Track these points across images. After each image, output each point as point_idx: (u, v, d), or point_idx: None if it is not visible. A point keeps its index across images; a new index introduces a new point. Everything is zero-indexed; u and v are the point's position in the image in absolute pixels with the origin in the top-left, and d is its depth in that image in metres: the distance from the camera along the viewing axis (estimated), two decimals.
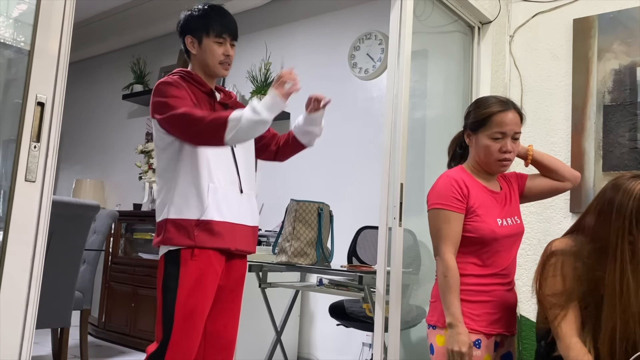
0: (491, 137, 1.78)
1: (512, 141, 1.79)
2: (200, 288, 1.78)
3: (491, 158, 1.79)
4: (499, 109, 1.78)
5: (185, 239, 1.77)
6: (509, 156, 1.79)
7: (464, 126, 1.89)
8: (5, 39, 1.46)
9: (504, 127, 1.76)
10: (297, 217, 2.70)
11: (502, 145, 1.77)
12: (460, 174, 1.82)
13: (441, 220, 1.75)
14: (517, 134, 1.80)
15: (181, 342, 1.75)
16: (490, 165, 1.81)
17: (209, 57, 1.90)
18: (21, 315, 1.37)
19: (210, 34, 1.88)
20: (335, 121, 3.75)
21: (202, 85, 1.91)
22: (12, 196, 1.35)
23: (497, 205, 1.82)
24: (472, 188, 1.79)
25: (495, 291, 1.76)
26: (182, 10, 2.01)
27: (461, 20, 2.91)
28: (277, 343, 3.07)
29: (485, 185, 1.84)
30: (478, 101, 1.89)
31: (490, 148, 1.78)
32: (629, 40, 2.70)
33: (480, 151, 1.81)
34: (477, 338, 1.72)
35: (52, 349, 3.11)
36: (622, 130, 2.67)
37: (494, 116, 1.77)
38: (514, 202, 1.89)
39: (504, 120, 1.76)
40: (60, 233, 2.71)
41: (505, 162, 1.80)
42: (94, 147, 5.57)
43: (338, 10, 3.88)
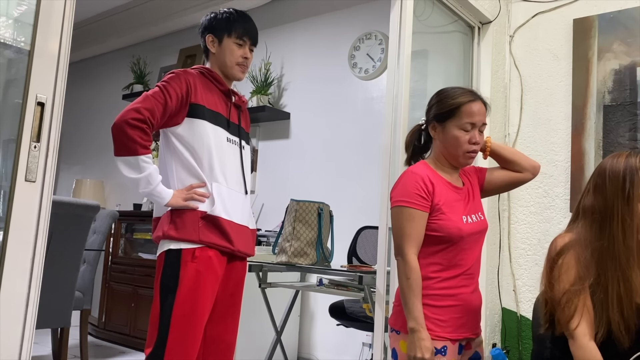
0: (461, 128, 1.71)
1: (479, 133, 1.74)
2: (201, 290, 1.76)
3: (460, 150, 1.72)
4: (468, 99, 1.72)
5: (189, 232, 1.75)
6: (477, 147, 1.74)
7: (427, 118, 1.82)
8: (5, 39, 1.46)
9: (474, 118, 1.71)
10: (297, 217, 2.70)
11: (471, 137, 1.71)
12: (425, 170, 1.74)
13: (404, 219, 1.67)
14: (483, 125, 1.75)
15: (179, 346, 1.72)
16: (458, 158, 1.75)
17: (228, 57, 1.92)
18: (21, 315, 1.37)
19: (232, 34, 1.92)
20: (335, 121, 3.76)
21: (220, 84, 1.92)
22: (12, 196, 1.35)
23: (461, 201, 1.76)
24: (437, 185, 1.72)
25: (460, 294, 1.70)
26: (181, 10, 2.02)
27: (461, 20, 2.91)
28: (277, 343, 3.07)
29: (449, 181, 1.77)
30: (443, 92, 1.81)
31: (460, 139, 1.71)
32: (629, 40, 2.70)
33: (448, 143, 1.74)
34: (444, 345, 1.64)
35: (52, 349, 3.11)
36: (622, 130, 2.67)
37: (464, 106, 1.71)
38: (476, 198, 1.84)
39: (474, 110, 1.71)
40: (60, 233, 2.71)
41: (472, 154, 1.74)
42: (94, 147, 5.57)
43: (338, 10, 3.88)
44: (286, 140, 4.01)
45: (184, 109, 1.81)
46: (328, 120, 3.80)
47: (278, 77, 4.12)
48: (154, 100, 1.75)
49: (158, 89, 1.79)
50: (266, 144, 4.11)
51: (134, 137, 1.70)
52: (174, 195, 1.77)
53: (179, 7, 4.54)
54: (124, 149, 1.71)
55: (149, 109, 1.73)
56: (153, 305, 1.78)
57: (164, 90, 1.78)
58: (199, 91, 1.84)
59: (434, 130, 1.78)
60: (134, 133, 1.70)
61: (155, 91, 1.78)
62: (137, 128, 1.71)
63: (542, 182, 2.90)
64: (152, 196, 1.76)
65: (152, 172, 1.73)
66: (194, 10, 4.43)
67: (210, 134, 1.83)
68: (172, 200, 1.76)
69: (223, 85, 1.93)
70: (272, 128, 4.10)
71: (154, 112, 1.74)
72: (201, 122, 1.83)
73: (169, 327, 1.72)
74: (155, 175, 1.74)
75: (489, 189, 1.90)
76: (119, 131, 1.71)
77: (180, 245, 1.76)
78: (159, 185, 1.75)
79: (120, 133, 1.71)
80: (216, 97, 1.90)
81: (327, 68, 3.86)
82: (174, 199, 1.76)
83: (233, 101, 1.96)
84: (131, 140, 1.70)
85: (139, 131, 1.71)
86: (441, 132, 1.75)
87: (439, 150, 1.79)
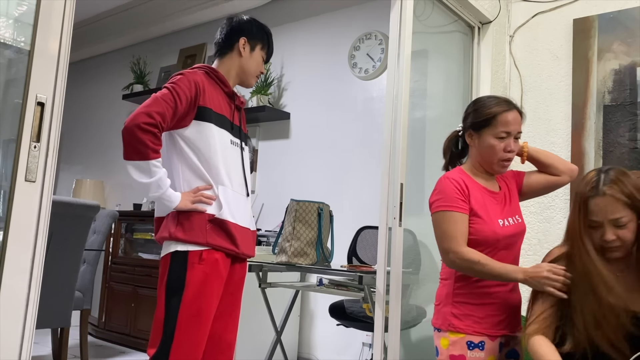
0: (496, 137, 1.78)
1: (514, 141, 1.80)
2: (208, 292, 1.76)
3: (495, 157, 1.79)
4: (504, 109, 1.78)
5: (197, 234, 1.75)
6: (511, 156, 1.80)
7: (464, 126, 1.88)
8: (5, 39, 1.46)
9: (509, 127, 1.77)
10: (297, 217, 2.70)
11: (506, 145, 1.78)
12: (460, 175, 1.81)
13: (448, 222, 1.73)
14: (519, 134, 1.81)
15: (185, 347, 1.72)
16: (493, 165, 1.81)
17: (254, 66, 2.00)
18: (21, 315, 1.37)
19: (264, 48, 2.02)
20: (335, 121, 3.76)
21: (225, 85, 1.92)
22: (12, 196, 1.35)
23: (497, 205, 1.82)
24: (472, 189, 1.78)
25: (497, 293, 1.76)
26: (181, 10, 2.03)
27: (461, 20, 2.91)
28: (277, 343, 3.07)
29: (485, 186, 1.83)
30: (479, 101, 1.88)
31: (495, 147, 1.78)
32: (629, 40, 2.70)
33: (483, 151, 1.81)
34: (481, 340, 1.72)
35: (52, 349, 3.11)
36: (622, 130, 2.67)
37: (499, 115, 1.77)
38: (514, 201, 1.89)
39: (509, 119, 1.77)
40: (60, 233, 2.71)
41: (507, 162, 1.81)
42: (94, 147, 5.57)
43: (338, 10, 3.88)
44: (286, 140, 4.01)
45: (192, 112, 1.80)
46: (328, 120, 3.80)
47: (278, 77, 4.12)
48: (165, 103, 1.73)
49: (168, 91, 1.76)
50: (266, 144, 4.10)
51: (146, 142, 1.68)
52: (182, 198, 1.76)
53: (179, 7, 4.54)
54: (135, 153, 1.69)
55: (160, 113, 1.71)
56: (157, 306, 1.77)
57: (173, 93, 1.75)
58: (206, 94, 1.83)
59: (470, 138, 1.85)
60: (146, 137, 1.68)
61: (165, 94, 1.75)
62: (149, 132, 1.68)
63: None
64: (161, 200, 1.74)
65: (162, 177, 1.72)
66: (194, 10, 4.43)
67: (217, 137, 1.83)
68: (180, 203, 1.75)
69: (228, 87, 1.93)
70: (272, 128, 4.10)
71: (165, 116, 1.72)
72: (208, 125, 1.82)
73: (175, 329, 1.71)
74: (164, 179, 1.73)
75: (528, 192, 1.94)
76: (130, 135, 1.69)
77: (187, 247, 1.75)
78: (169, 189, 1.74)
79: (131, 137, 1.69)
80: (221, 98, 1.90)
81: (327, 68, 3.86)
82: (182, 202, 1.75)
83: (235, 103, 1.97)
84: (143, 145, 1.68)
85: (151, 135, 1.69)
86: (477, 140, 1.82)
87: (475, 157, 1.85)
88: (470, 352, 1.71)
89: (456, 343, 1.72)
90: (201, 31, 4.65)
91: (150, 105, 1.72)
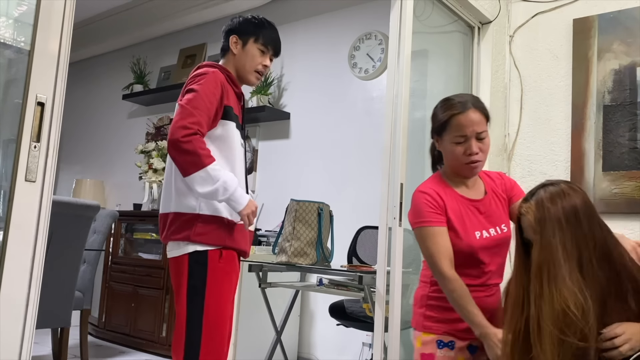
0: (454, 142, 1.71)
1: (477, 142, 1.70)
2: (229, 291, 1.77)
3: (458, 162, 1.72)
4: (456, 112, 1.70)
5: (216, 238, 1.74)
6: (477, 157, 1.70)
7: (431, 131, 1.82)
8: (5, 39, 1.46)
9: (464, 130, 1.68)
10: (297, 217, 2.70)
11: (466, 148, 1.69)
12: (434, 185, 1.76)
13: (428, 239, 1.69)
14: (480, 134, 1.70)
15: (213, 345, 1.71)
16: (460, 170, 1.74)
17: (248, 61, 1.92)
18: (21, 315, 1.37)
19: (258, 40, 1.94)
20: (335, 121, 3.76)
21: (236, 86, 1.92)
22: (12, 196, 1.35)
23: (477, 215, 1.75)
24: (448, 199, 1.72)
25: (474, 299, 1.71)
26: (181, 10, 2.03)
27: (461, 20, 2.91)
28: (277, 343, 3.07)
29: (463, 195, 1.76)
30: (440, 103, 1.80)
31: (455, 152, 1.71)
32: (629, 40, 2.70)
33: (447, 156, 1.76)
34: (451, 340, 1.71)
35: (52, 349, 3.11)
36: (622, 130, 2.67)
37: (452, 119, 1.70)
38: (499, 208, 1.79)
39: (462, 122, 1.68)
40: (60, 233, 2.71)
41: (473, 165, 1.71)
42: (94, 147, 5.57)
43: (338, 10, 3.88)
44: (286, 140, 4.01)
45: (220, 111, 1.79)
46: (328, 120, 3.80)
47: (278, 77, 4.12)
48: (198, 112, 1.70)
49: (197, 95, 1.72)
50: (266, 144, 4.11)
51: (194, 150, 1.64)
52: (247, 204, 1.74)
53: (179, 7, 4.54)
54: (190, 165, 1.65)
55: (196, 122, 1.68)
56: (178, 308, 1.74)
57: (204, 98, 1.72)
58: (229, 93, 1.84)
59: (437, 143, 1.80)
60: (191, 146, 1.64)
61: (195, 101, 1.71)
62: (191, 142, 1.65)
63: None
64: (229, 202, 1.72)
65: (226, 179, 1.68)
66: (194, 10, 4.43)
67: (236, 137, 1.85)
68: (244, 209, 1.73)
69: (238, 87, 1.93)
70: (272, 128, 4.10)
71: (202, 124, 1.69)
72: (232, 124, 1.83)
73: (202, 328, 1.70)
74: (230, 181, 1.69)
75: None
76: (176, 151, 1.65)
77: (206, 247, 1.74)
78: (237, 191, 1.71)
79: (178, 152, 1.65)
80: (234, 98, 1.90)
81: (327, 68, 3.86)
82: (245, 209, 1.74)
83: (242, 103, 1.97)
84: (193, 154, 1.64)
85: (195, 143, 1.65)
86: (441, 145, 1.77)
87: (445, 162, 1.80)
88: (439, 351, 1.71)
89: (427, 343, 1.74)
90: (201, 31, 4.65)
91: (184, 118, 1.68)
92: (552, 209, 1.46)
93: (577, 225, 1.45)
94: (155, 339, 3.76)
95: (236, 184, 1.72)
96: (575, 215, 1.46)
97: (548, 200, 1.48)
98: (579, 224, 1.46)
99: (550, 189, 1.51)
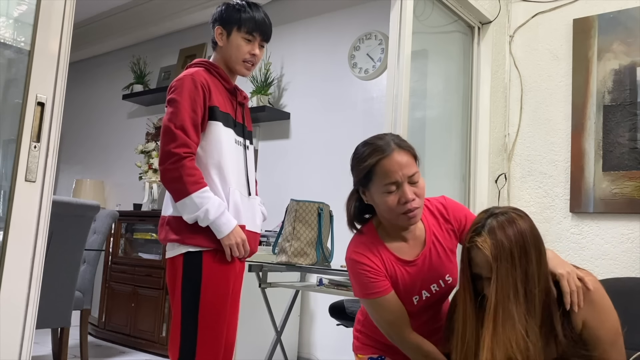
0: (384, 192, 1.48)
1: (411, 186, 1.49)
2: (224, 291, 1.75)
3: (393, 214, 1.50)
4: (378, 157, 1.48)
5: (208, 240, 1.71)
6: (414, 204, 1.48)
7: (354, 183, 1.60)
8: (5, 39, 1.46)
9: (393, 176, 1.47)
10: (297, 217, 2.70)
11: (399, 197, 1.47)
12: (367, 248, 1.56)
13: (379, 310, 1.55)
14: (412, 177, 1.49)
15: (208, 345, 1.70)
16: (398, 221, 1.52)
17: (234, 52, 1.84)
18: (21, 315, 1.37)
19: (241, 29, 1.82)
20: (335, 121, 3.76)
21: (226, 82, 1.86)
22: (12, 196, 1.35)
23: (414, 277, 1.57)
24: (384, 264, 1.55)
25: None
26: (181, 10, 2.00)
27: (461, 21, 2.91)
28: (277, 343, 3.07)
29: (398, 256, 1.57)
30: (355, 153, 1.58)
31: (388, 203, 1.48)
32: (629, 40, 2.70)
33: (380, 209, 1.53)
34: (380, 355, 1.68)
35: (52, 349, 3.11)
36: (622, 130, 2.67)
37: (376, 167, 1.48)
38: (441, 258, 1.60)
39: (389, 167, 1.47)
40: (60, 233, 2.71)
41: (411, 214, 1.49)
42: (94, 147, 5.57)
43: (338, 10, 3.88)
44: (286, 140, 4.01)
45: (206, 114, 1.76)
46: (328, 120, 3.80)
47: (278, 77, 4.12)
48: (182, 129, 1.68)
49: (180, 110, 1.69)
50: (266, 144, 4.10)
51: (180, 177, 1.65)
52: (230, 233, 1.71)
53: (179, 7, 4.54)
54: (177, 193, 1.67)
55: (181, 144, 1.67)
56: (174, 309, 1.73)
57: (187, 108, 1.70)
58: (212, 92, 1.78)
59: (364, 195, 1.57)
60: (177, 173, 1.65)
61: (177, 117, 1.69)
62: (178, 169, 1.65)
63: (542, 182, 2.90)
64: (212, 226, 1.71)
65: (209, 208, 1.67)
66: (194, 10, 4.43)
67: (224, 136, 1.80)
68: (225, 238, 1.71)
69: (229, 83, 1.88)
70: (272, 128, 4.10)
71: (188, 143, 1.68)
72: (216, 124, 1.78)
73: (197, 329, 1.69)
74: (212, 209, 1.67)
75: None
76: (164, 179, 1.68)
77: (200, 248, 1.73)
78: (219, 218, 1.69)
79: (166, 181, 1.68)
80: (224, 95, 1.85)
81: (327, 68, 3.86)
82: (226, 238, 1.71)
83: (237, 99, 1.92)
84: (179, 182, 1.66)
85: (182, 169, 1.66)
86: (370, 198, 1.55)
87: (379, 215, 1.58)
88: None
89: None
90: (201, 31, 4.65)
91: (166, 143, 1.68)
92: (506, 243, 1.36)
93: (527, 260, 1.37)
94: (155, 339, 3.76)
95: (221, 211, 1.69)
96: (525, 248, 1.37)
97: (501, 232, 1.38)
98: (529, 259, 1.38)
99: (501, 219, 1.40)
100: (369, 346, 1.74)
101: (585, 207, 2.73)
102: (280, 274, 3.02)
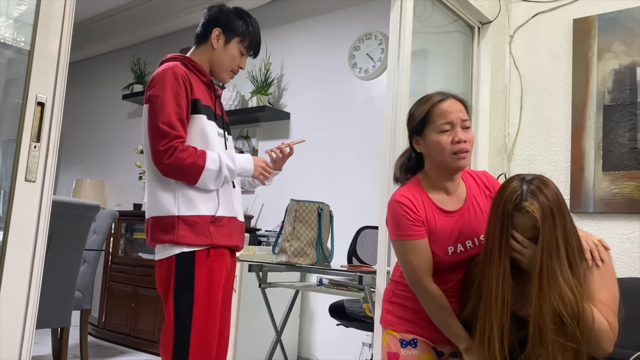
0: (439, 131, 1.61)
1: (463, 130, 1.62)
2: (217, 290, 1.74)
3: (445, 153, 1.60)
4: (437, 100, 1.64)
5: (202, 237, 1.71)
6: (465, 146, 1.61)
7: (409, 134, 1.72)
8: (5, 39, 1.46)
9: (449, 116, 1.61)
10: (297, 217, 2.70)
11: (453, 136, 1.60)
12: (411, 193, 1.66)
13: (409, 253, 1.62)
14: (465, 122, 1.64)
15: (202, 344, 1.70)
16: (447, 163, 1.62)
17: (228, 60, 1.88)
18: (21, 315, 1.37)
19: (243, 42, 1.89)
20: (335, 121, 3.76)
21: (203, 75, 1.86)
22: (12, 196, 1.35)
23: (452, 227, 1.65)
24: (424, 210, 1.63)
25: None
26: (181, 10, 2.00)
27: (461, 20, 2.91)
28: (277, 343, 3.07)
29: (440, 206, 1.66)
30: (414, 104, 1.73)
31: (442, 142, 1.60)
32: (629, 40, 2.70)
33: (432, 151, 1.64)
34: (413, 337, 1.68)
35: (52, 349, 3.11)
36: (622, 130, 2.67)
37: (434, 108, 1.63)
38: (478, 217, 1.68)
39: (445, 109, 1.62)
40: (60, 233, 2.71)
41: (462, 154, 1.61)
42: (94, 147, 5.58)
43: (338, 10, 3.88)
44: (286, 140, 4.00)
45: (189, 108, 1.76)
46: (328, 120, 3.80)
47: (278, 77, 4.12)
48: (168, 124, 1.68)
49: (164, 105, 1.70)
50: (266, 144, 4.10)
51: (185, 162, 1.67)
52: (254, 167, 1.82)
53: (179, 7, 4.54)
54: (192, 176, 1.70)
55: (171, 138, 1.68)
56: (166, 310, 1.72)
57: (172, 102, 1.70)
58: (193, 85, 1.78)
59: (417, 145, 1.69)
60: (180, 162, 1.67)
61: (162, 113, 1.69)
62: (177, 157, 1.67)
63: None
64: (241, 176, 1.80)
65: (225, 163, 1.73)
66: (194, 10, 4.43)
67: (207, 129, 1.79)
68: (254, 172, 1.83)
69: (206, 76, 1.87)
70: (272, 128, 4.10)
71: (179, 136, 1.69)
72: (201, 117, 1.78)
73: (191, 328, 1.68)
74: (225, 160, 1.74)
75: None
76: (171, 174, 1.71)
77: (193, 248, 1.72)
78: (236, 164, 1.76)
79: (173, 174, 1.70)
80: (203, 89, 1.84)
81: (327, 68, 3.86)
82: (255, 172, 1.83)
83: (216, 92, 1.91)
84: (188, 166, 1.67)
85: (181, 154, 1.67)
86: (424, 143, 1.66)
87: (429, 165, 1.70)
88: (403, 350, 1.68)
89: (391, 341, 1.71)
90: None
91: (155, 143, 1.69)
92: (547, 204, 1.45)
93: (564, 217, 1.47)
94: (155, 339, 3.76)
95: (231, 155, 1.76)
96: (561, 207, 1.48)
97: (542, 195, 1.46)
98: (565, 216, 1.48)
99: (536, 183, 1.49)
100: (404, 320, 1.70)
101: (585, 207, 2.73)
102: (280, 274, 3.02)
